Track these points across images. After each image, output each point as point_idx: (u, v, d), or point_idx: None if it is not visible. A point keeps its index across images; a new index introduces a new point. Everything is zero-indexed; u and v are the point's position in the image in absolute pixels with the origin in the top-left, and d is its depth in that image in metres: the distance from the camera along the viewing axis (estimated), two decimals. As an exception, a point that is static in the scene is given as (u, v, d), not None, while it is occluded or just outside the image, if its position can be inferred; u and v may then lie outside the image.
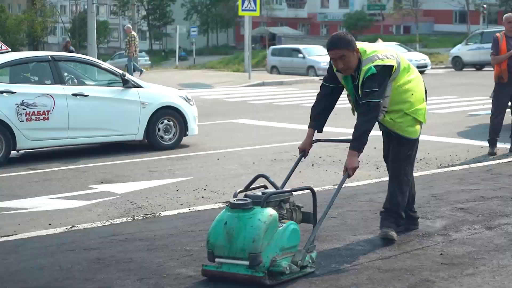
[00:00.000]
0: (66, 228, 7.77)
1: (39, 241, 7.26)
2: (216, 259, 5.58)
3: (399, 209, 6.78)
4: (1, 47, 13.29)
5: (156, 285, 5.72)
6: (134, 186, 10.40)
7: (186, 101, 14.21)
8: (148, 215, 8.29)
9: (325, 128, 6.73)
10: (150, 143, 13.79)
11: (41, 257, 6.64)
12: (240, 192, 5.96)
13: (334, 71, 6.55)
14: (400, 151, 6.79)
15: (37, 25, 65.23)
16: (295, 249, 5.68)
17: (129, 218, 8.18)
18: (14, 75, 12.92)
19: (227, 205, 5.68)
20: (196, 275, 5.90)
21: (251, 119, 18.67)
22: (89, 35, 24.47)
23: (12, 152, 12.63)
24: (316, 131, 6.68)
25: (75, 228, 7.76)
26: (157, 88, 14.36)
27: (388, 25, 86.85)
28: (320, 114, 6.67)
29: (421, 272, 5.87)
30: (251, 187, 6.11)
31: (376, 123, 6.56)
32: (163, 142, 13.84)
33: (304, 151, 6.69)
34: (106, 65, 14.10)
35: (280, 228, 5.59)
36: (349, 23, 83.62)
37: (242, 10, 32.70)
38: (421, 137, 14.28)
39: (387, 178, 10.00)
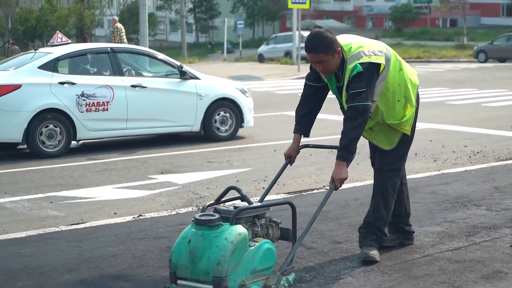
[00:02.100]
0: (134, 217, 7.89)
1: (108, 229, 7.39)
2: (179, 281, 4.90)
3: (381, 225, 6.09)
4: (61, 39, 13.49)
5: (230, 273, 5.80)
6: (194, 177, 10.50)
7: (242, 93, 14.32)
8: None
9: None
10: (206, 134, 13.90)
11: (112, 245, 6.76)
12: (210, 205, 5.26)
13: None
14: (387, 162, 6.06)
15: (86, 18, 65.79)
16: (269, 271, 5.01)
17: (194, 208, 8.28)
18: (73, 66, 13.10)
19: (192, 221, 4.97)
20: (268, 264, 5.98)
21: (303, 112, 18.66)
22: (140, 27, 24.63)
23: (72, 142, 12.83)
24: (302, 135, 6.03)
25: (142, 217, 7.88)
26: (214, 80, 14.45)
27: (435, 18, 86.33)
28: (304, 117, 5.99)
29: (493, 263, 5.87)
30: (222, 199, 5.38)
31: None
32: (219, 133, 13.96)
33: (290, 158, 6.06)
34: (163, 56, 14.21)
35: (252, 247, 4.90)
36: (395, 16, 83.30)
37: (292, 3, 32.78)
38: (477, 130, 14.48)
39: (447, 170, 10.09)
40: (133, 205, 8.89)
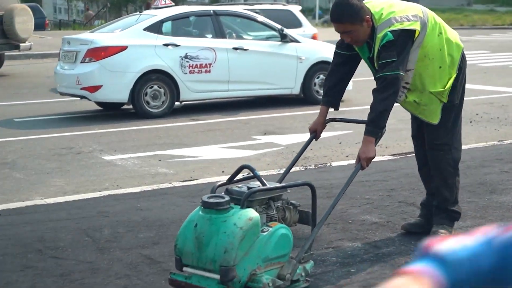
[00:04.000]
0: (242, 175, 8.06)
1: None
2: (185, 268, 4.54)
3: (448, 205, 5.65)
4: (165, 1, 13.73)
5: (344, 229, 5.94)
6: (296, 138, 10.63)
7: (341, 57, 14.32)
8: (320, 165, 8.52)
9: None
10: (306, 97, 14.01)
11: (225, 200, 6.95)
12: (221, 185, 4.88)
13: None
14: (435, 136, 5.56)
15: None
16: (285, 258, 4.55)
17: (301, 167, 8.43)
18: (177, 28, 13.33)
19: (200, 203, 4.58)
20: (382, 222, 6.10)
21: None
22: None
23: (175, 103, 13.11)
24: (329, 108, 5.61)
25: (250, 174, 8.04)
26: (314, 43, 14.53)
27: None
28: (332, 88, 5.55)
29: None
30: (235, 179, 5.11)
31: None
32: (319, 96, 14.00)
33: (315, 132, 5.71)
34: (263, 19, 14.34)
35: (265, 233, 4.47)
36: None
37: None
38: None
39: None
40: (239, 164, 8.97)
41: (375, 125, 5.14)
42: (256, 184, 4.76)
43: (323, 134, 10.59)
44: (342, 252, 5.37)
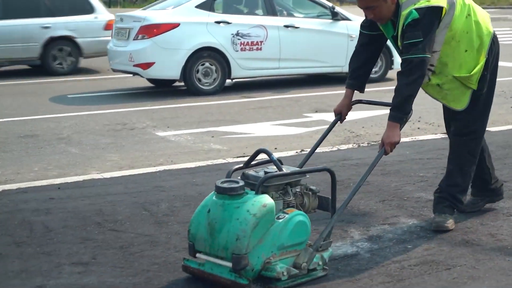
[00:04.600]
0: (296, 152, 8.13)
1: (273, 162, 7.64)
2: (198, 255, 4.43)
3: (456, 192, 5.41)
4: (217, -21, 13.77)
5: (399, 206, 5.95)
6: (348, 116, 10.49)
7: (393, 35, 14.27)
8: (373, 143, 8.54)
9: None
10: (356, 75, 13.98)
11: (279, 177, 6.99)
12: (238, 169, 4.68)
13: None
14: (462, 124, 5.36)
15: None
16: (301, 246, 4.40)
17: (354, 145, 8.45)
18: (228, 6, 13.38)
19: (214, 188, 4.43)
20: (437, 199, 6.10)
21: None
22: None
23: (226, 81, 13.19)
24: (355, 90, 5.48)
25: (304, 152, 8.09)
26: (365, 21, 14.46)
27: None
28: (357, 70, 5.38)
29: None
30: (252, 163, 4.82)
31: None
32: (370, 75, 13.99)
33: (340, 114, 5.62)
34: (314, -4, 14.35)
35: (281, 220, 4.31)
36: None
37: None
38: None
39: None
40: (291, 141, 9.12)
41: (399, 111, 4.94)
42: (275, 168, 4.56)
43: (373, 113, 10.71)
44: (398, 228, 5.40)
